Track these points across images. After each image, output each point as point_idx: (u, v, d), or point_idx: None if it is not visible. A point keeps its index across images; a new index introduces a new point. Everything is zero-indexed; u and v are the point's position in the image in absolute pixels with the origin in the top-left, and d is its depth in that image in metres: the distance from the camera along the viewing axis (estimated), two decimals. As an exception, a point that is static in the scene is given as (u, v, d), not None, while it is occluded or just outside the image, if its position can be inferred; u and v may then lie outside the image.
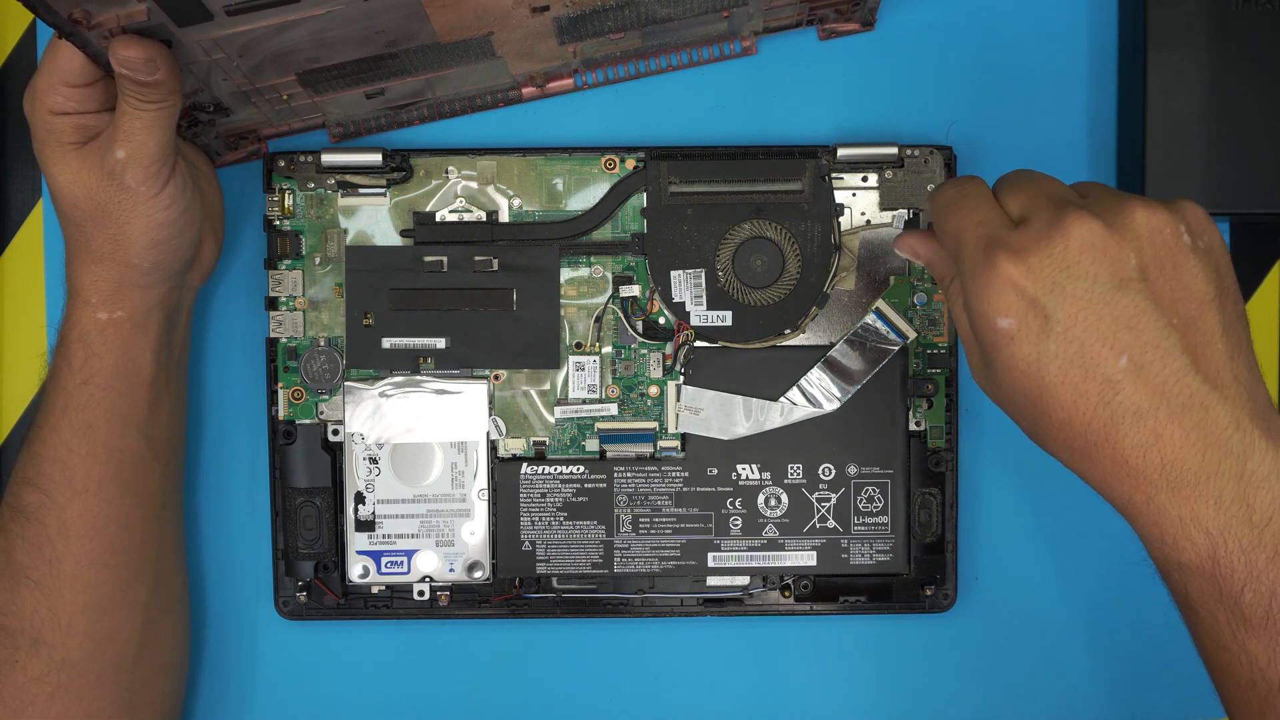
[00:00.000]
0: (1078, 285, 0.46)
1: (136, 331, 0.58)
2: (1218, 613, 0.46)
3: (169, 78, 0.52)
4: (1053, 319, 0.46)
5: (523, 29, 0.58)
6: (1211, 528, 0.45)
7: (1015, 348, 0.47)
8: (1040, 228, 0.47)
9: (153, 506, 0.60)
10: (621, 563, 0.64)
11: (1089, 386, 0.46)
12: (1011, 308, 0.47)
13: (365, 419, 0.64)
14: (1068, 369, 0.46)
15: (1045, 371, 0.47)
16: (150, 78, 0.51)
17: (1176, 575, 0.47)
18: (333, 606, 0.65)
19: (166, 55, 0.52)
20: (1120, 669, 0.66)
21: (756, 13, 0.62)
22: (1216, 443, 0.45)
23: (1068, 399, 0.46)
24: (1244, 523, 0.45)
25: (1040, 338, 0.46)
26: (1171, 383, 0.46)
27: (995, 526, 0.66)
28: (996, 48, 0.66)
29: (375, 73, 0.59)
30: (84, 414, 0.58)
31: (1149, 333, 0.46)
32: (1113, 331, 0.46)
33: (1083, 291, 0.46)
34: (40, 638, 0.58)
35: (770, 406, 0.64)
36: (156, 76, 0.51)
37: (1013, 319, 0.47)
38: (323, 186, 0.64)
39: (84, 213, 0.55)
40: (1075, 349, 0.46)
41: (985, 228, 0.48)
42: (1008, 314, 0.47)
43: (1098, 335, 0.46)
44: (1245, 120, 0.62)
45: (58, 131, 0.55)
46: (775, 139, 0.65)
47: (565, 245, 0.64)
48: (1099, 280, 0.46)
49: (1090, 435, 0.47)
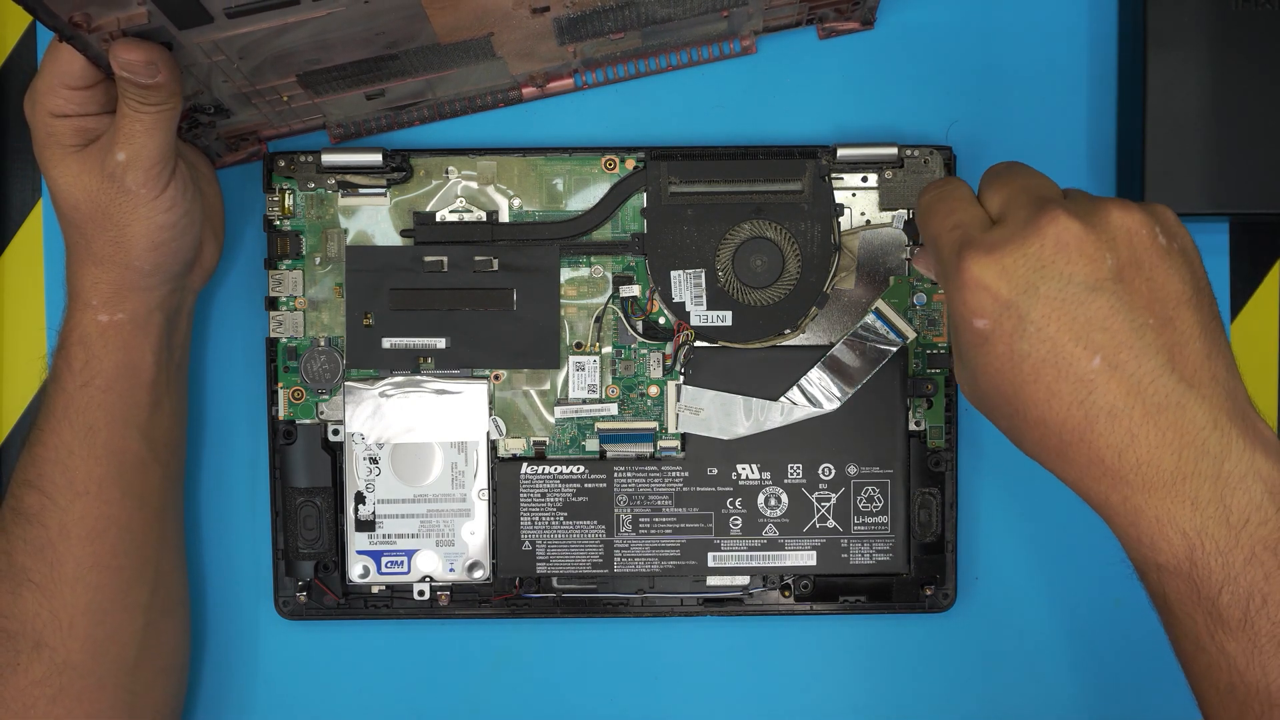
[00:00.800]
0: (1051, 285, 0.46)
1: (137, 333, 0.58)
2: (1195, 614, 0.46)
3: (170, 80, 0.52)
4: (1026, 319, 0.46)
5: (523, 30, 0.58)
6: (1188, 528, 0.45)
7: (990, 347, 0.47)
8: (1015, 227, 0.47)
9: (154, 508, 0.60)
10: (621, 563, 0.64)
11: (1063, 386, 0.46)
12: (986, 309, 0.47)
13: (365, 419, 0.64)
14: (1041, 368, 0.46)
15: (1019, 371, 0.46)
16: (151, 80, 0.51)
17: (1154, 576, 0.47)
18: (333, 606, 0.65)
19: (167, 58, 0.52)
20: (1120, 669, 0.66)
21: (756, 12, 0.62)
22: (1193, 443, 0.45)
23: (1042, 398, 0.46)
24: (1221, 523, 0.45)
25: (1014, 338, 0.46)
26: (1147, 382, 0.45)
27: (995, 526, 0.66)
28: (996, 48, 0.66)
29: (375, 74, 0.59)
30: (85, 416, 0.58)
31: (1123, 333, 0.46)
32: (1086, 331, 0.46)
33: (1056, 291, 0.46)
34: (42, 640, 0.58)
35: (770, 406, 0.64)
36: (157, 79, 0.51)
37: (987, 319, 0.47)
38: (323, 186, 0.64)
39: (84, 215, 0.55)
40: (1049, 348, 0.46)
41: (960, 230, 0.48)
42: (982, 315, 0.47)
43: (1071, 335, 0.46)
44: (1245, 120, 0.62)
45: (58, 134, 0.55)
46: (775, 139, 0.65)
47: (565, 245, 0.64)
48: (1073, 280, 0.46)
49: (1065, 435, 0.46)
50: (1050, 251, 0.46)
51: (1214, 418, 0.45)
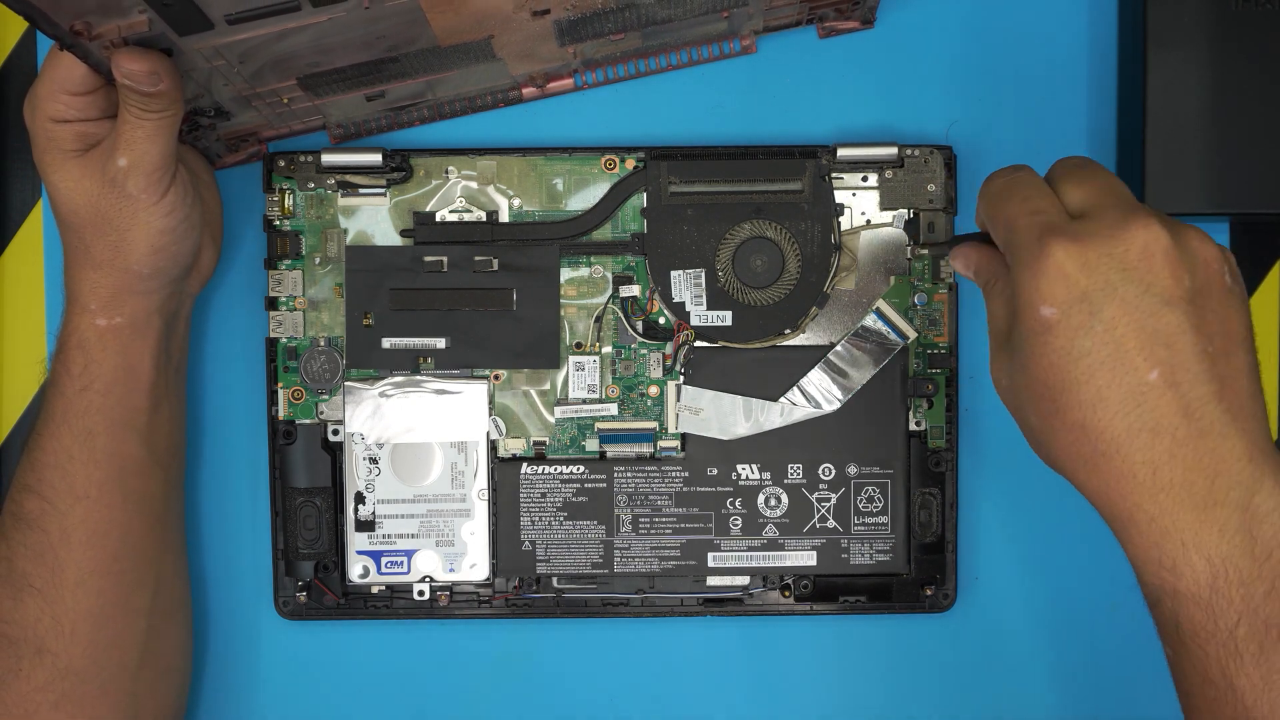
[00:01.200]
0: (1131, 290, 0.46)
1: (135, 337, 0.58)
2: (1208, 646, 0.46)
3: (172, 89, 0.52)
4: (1097, 316, 0.46)
5: (523, 32, 0.58)
6: (1214, 555, 0.45)
7: (1050, 338, 0.46)
8: (1105, 225, 0.47)
9: (154, 512, 0.60)
10: (621, 563, 0.64)
11: (1114, 392, 0.46)
12: (1059, 297, 0.46)
13: (365, 419, 0.64)
14: (1096, 370, 0.46)
15: (1074, 368, 0.46)
16: (153, 89, 0.51)
17: (1169, 603, 0.47)
18: (333, 606, 0.65)
19: (170, 66, 0.52)
20: (1120, 669, 0.66)
21: (756, 12, 0.62)
22: (1228, 472, 0.45)
23: (1089, 400, 0.46)
24: (1246, 554, 0.45)
25: (1079, 332, 0.46)
26: (1196, 406, 0.46)
27: (995, 526, 0.66)
28: (996, 48, 0.66)
29: (375, 76, 0.59)
30: (84, 420, 0.58)
31: (1185, 354, 0.46)
32: (1152, 344, 0.46)
33: (1134, 297, 0.46)
34: (44, 646, 0.58)
35: (770, 406, 0.64)
36: (160, 88, 0.52)
37: (1057, 308, 0.46)
38: (323, 187, 0.64)
39: (84, 220, 0.55)
40: (1110, 351, 0.46)
41: (1043, 215, 0.48)
42: (1053, 303, 0.46)
43: (1137, 343, 0.46)
44: (1245, 120, 0.62)
45: (58, 139, 0.55)
46: (775, 139, 0.65)
47: (565, 245, 0.64)
48: (1152, 290, 0.46)
49: (1103, 444, 0.46)
50: (1136, 256, 0.46)
51: (1250, 453, 0.46)
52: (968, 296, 0.65)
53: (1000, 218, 0.50)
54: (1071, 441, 0.47)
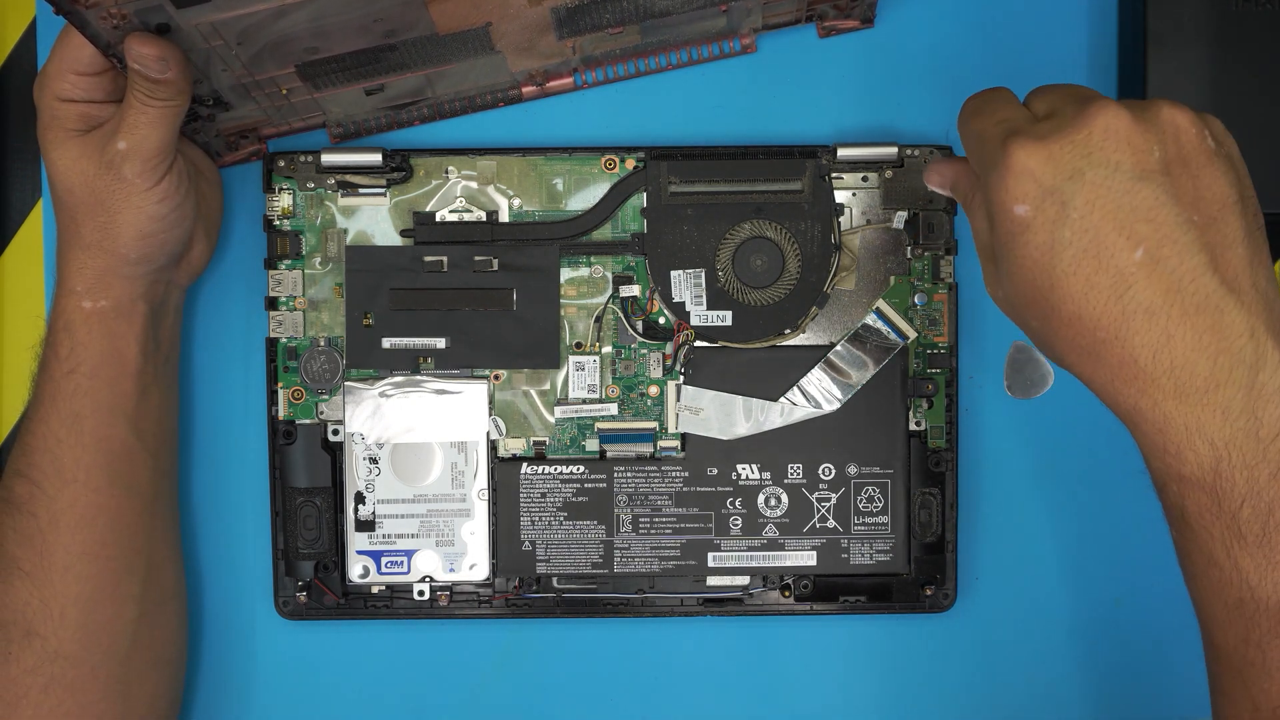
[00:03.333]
0: (1098, 172, 0.45)
1: (120, 321, 0.59)
2: (1213, 528, 0.45)
3: (179, 78, 0.53)
4: (1069, 205, 0.45)
5: (520, 20, 0.58)
6: (1217, 439, 0.45)
7: (1030, 235, 0.46)
8: (1066, 118, 0.46)
9: (144, 499, 0.61)
10: (621, 563, 0.64)
11: (1101, 279, 0.45)
12: (1028, 194, 0.46)
13: (365, 419, 0.64)
14: (1081, 259, 0.45)
15: (1058, 261, 0.46)
16: (161, 75, 0.53)
17: (1175, 488, 0.46)
18: (333, 606, 0.65)
19: (179, 56, 0.53)
20: (1120, 669, 0.66)
21: (755, 8, 0.62)
22: (1229, 349, 0.44)
23: (1079, 291, 0.45)
24: (1250, 436, 0.44)
25: (1055, 225, 0.45)
26: (1187, 280, 0.45)
27: (995, 526, 0.66)
28: (996, 47, 0.66)
29: (374, 66, 0.59)
30: (71, 403, 0.58)
31: (1167, 226, 0.45)
32: (1130, 222, 0.45)
33: (1102, 179, 0.45)
34: (33, 629, 0.58)
35: (770, 406, 0.64)
36: (168, 75, 0.53)
37: (1029, 205, 0.46)
38: (323, 186, 0.64)
39: (78, 199, 0.56)
40: (1090, 238, 0.45)
41: (1008, 123, 0.48)
42: (1024, 200, 0.46)
43: (1115, 224, 0.45)
44: (1245, 120, 0.62)
45: (62, 117, 0.56)
46: (775, 138, 0.65)
47: (565, 245, 0.64)
48: (1120, 168, 0.45)
49: (1100, 332, 0.46)
50: (1098, 138, 0.45)
51: (1251, 326, 0.45)
52: (968, 296, 0.65)
53: (971, 132, 0.50)
54: (1071, 336, 0.46)
